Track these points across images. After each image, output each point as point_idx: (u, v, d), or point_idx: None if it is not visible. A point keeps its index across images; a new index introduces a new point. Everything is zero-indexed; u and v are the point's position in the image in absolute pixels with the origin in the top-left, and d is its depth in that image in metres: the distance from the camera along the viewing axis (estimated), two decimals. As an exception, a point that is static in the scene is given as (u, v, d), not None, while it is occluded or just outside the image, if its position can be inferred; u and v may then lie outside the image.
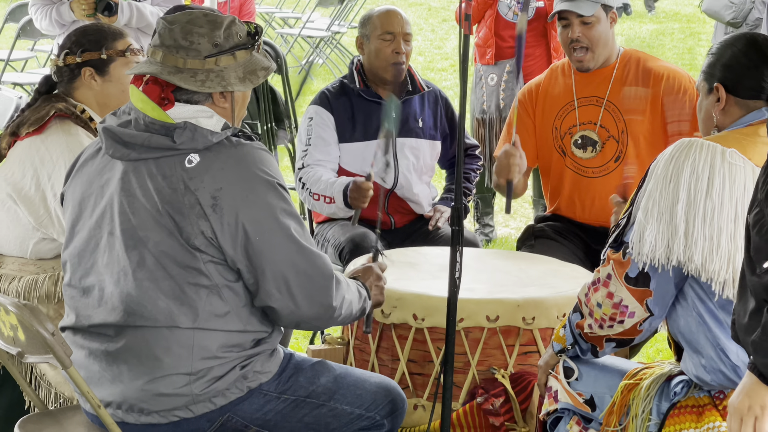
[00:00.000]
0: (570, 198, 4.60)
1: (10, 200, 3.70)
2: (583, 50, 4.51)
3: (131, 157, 3.02)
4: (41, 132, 3.70)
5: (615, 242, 3.01)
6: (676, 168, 2.88)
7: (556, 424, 3.29)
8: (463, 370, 3.64)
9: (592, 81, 4.57)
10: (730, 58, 3.06)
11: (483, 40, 6.55)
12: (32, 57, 10.56)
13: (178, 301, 2.97)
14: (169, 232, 2.96)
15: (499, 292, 3.70)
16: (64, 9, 5.21)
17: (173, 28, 3.02)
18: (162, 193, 2.98)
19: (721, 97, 3.06)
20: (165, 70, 3.00)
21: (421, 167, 4.73)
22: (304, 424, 3.16)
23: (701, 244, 2.83)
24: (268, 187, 3.00)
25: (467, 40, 3.24)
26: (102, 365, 3.06)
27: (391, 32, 4.61)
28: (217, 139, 3.00)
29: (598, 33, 4.50)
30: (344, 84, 4.71)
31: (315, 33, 12.99)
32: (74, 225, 3.14)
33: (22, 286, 3.66)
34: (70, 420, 3.24)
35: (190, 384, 2.99)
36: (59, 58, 3.80)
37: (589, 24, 4.49)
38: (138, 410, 3.01)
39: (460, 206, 3.34)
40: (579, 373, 3.21)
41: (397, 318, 3.65)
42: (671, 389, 3.03)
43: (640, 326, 3.00)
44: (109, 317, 3.03)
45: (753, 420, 2.37)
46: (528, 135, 4.64)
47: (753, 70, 2.98)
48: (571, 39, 4.51)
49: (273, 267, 2.98)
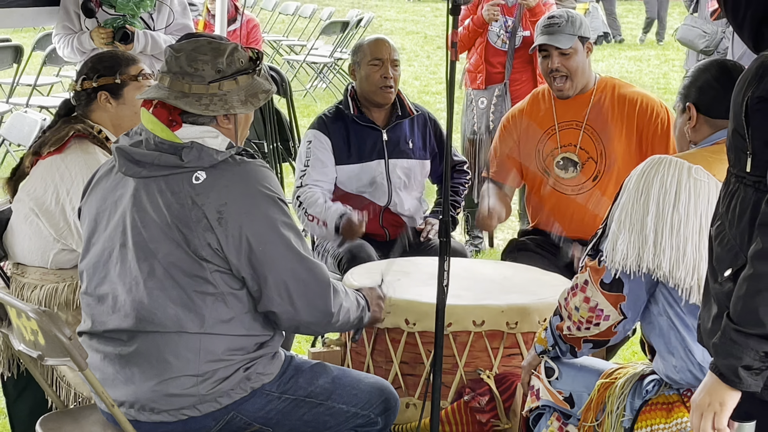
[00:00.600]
0: (551, 213, 4.60)
1: (33, 214, 3.70)
2: (562, 79, 4.52)
3: (142, 174, 3.02)
4: (61, 151, 3.71)
5: (592, 251, 3.02)
6: (646, 183, 2.89)
7: (537, 420, 3.30)
8: (451, 371, 3.64)
9: (572, 106, 4.58)
10: (703, 81, 3.07)
11: (474, 66, 6.56)
12: (57, 82, 10.57)
13: (186, 308, 2.97)
14: (178, 244, 2.96)
15: (485, 299, 3.70)
16: (84, 38, 5.22)
17: (179, 55, 3.03)
18: (171, 208, 2.98)
19: (692, 116, 3.07)
20: (172, 95, 3.01)
21: (412, 185, 4.74)
22: (303, 422, 3.16)
23: (669, 253, 2.84)
24: (269, 202, 3.01)
25: (454, 66, 3.25)
26: (116, 368, 3.06)
27: (379, 58, 4.63)
28: (222, 158, 3.01)
29: (575, 63, 4.51)
30: (340, 110, 4.72)
31: (319, 59, 13.03)
32: (90, 237, 3.14)
33: (43, 294, 3.66)
34: (87, 418, 3.24)
35: (197, 385, 2.98)
36: (77, 83, 3.80)
37: (568, 55, 4.50)
38: (149, 409, 3.01)
39: (447, 220, 3.34)
40: (559, 373, 3.22)
41: (391, 323, 3.64)
42: (643, 388, 3.03)
43: (615, 328, 3.01)
44: (122, 323, 3.03)
45: (712, 415, 2.37)
46: (512, 157, 4.65)
47: (723, 94, 2.98)
48: (551, 69, 4.53)
49: (275, 275, 2.98)
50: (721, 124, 3.00)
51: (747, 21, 2.59)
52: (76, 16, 5.26)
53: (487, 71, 6.48)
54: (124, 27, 5.18)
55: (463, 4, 3.30)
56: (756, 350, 2.27)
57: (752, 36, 2.59)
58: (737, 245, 2.34)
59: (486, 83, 6.48)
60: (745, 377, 2.29)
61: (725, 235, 2.37)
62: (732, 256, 2.35)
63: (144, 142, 3.03)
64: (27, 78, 9.51)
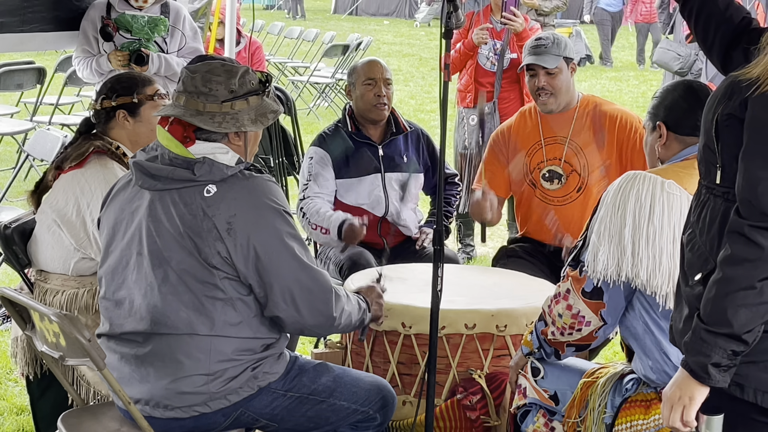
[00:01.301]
0: (538, 223, 4.60)
1: (55, 225, 3.70)
2: (547, 96, 4.53)
3: (157, 187, 3.02)
4: (82, 166, 3.71)
5: (573, 261, 3.02)
6: (623, 197, 2.89)
7: (525, 417, 3.29)
8: (444, 371, 3.63)
9: (557, 122, 4.58)
10: (671, 101, 3.07)
11: (464, 86, 6.55)
12: (78, 101, 10.56)
13: (197, 311, 2.97)
14: (190, 253, 2.96)
15: (476, 304, 3.70)
16: (102, 60, 5.22)
17: (195, 76, 3.03)
18: (184, 218, 2.98)
19: (662, 134, 3.07)
20: (187, 113, 3.01)
21: (407, 196, 4.73)
22: (307, 418, 3.15)
23: (646, 263, 2.83)
24: (275, 214, 3.01)
25: (446, 86, 3.26)
26: (132, 367, 3.06)
27: (373, 78, 4.63)
28: (231, 173, 3.01)
29: (560, 81, 4.52)
30: (339, 127, 4.72)
31: (321, 80, 13.03)
32: (108, 246, 3.14)
33: (65, 299, 3.66)
34: (105, 415, 3.23)
35: (208, 383, 2.98)
36: (97, 102, 3.80)
37: (553, 74, 4.51)
38: (163, 406, 3.01)
39: (441, 229, 3.35)
40: (544, 373, 3.21)
41: (388, 326, 3.64)
42: (623, 386, 3.03)
43: (595, 333, 3.01)
44: (138, 326, 3.03)
45: (681, 408, 2.37)
46: (501, 170, 4.65)
47: (690, 112, 2.98)
48: (538, 87, 4.54)
49: (280, 282, 2.98)
50: (689, 140, 3.00)
51: (716, 45, 2.60)
52: (94, 40, 5.26)
53: (476, 90, 6.47)
54: (140, 50, 5.18)
55: (455, 28, 3.30)
56: (724, 349, 2.27)
57: (721, 59, 2.60)
58: (707, 251, 2.35)
59: (475, 102, 6.46)
60: (714, 374, 2.30)
61: (696, 242, 2.38)
62: (702, 261, 2.36)
63: (159, 157, 3.03)
64: (49, 98, 9.51)
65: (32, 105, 9.48)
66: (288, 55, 15.39)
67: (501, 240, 6.85)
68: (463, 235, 6.96)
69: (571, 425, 3.11)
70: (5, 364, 4.89)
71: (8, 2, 4.91)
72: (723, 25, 2.60)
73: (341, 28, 21.18)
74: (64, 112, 9.98)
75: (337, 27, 21.52)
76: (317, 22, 24.09)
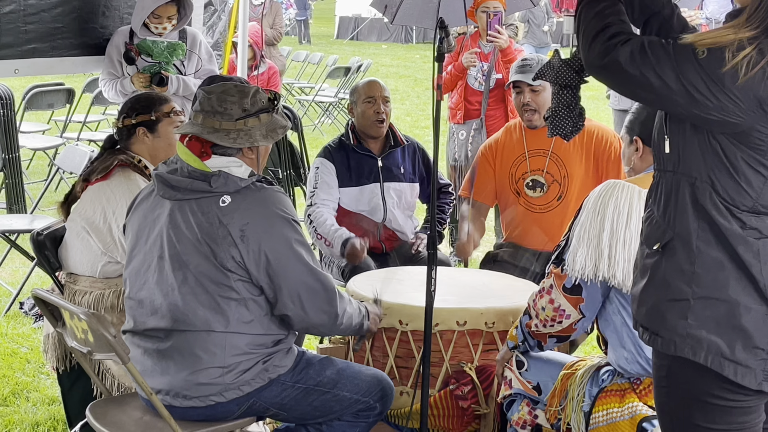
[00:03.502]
0: (522, 228, 4.60)
1: (84, 231, 3.70)
2: (531, 112, 4.54)
3: (177, 197, 3.03)
4: (107, 178, 3.71)
5: (556, 259, 3.02)
6: (602, 204, 2.89)
7: (510, 406, 3.30)
8: (438, 364, 3.62)
9: (540, 136, 4.57)
10: (645, 117, 3.06)
11: (455, 104, 6.55)
12: (103, 119, 10.55)
13: (214, 310, 2.97)
14: (206, 257, 2.97)
15: (467, 303, 3.69)
16: (126, 82, 5.23)
17: (211, 97, 3.04)
18: (201, 226, 2.98)
19: (639, 148, 3.07)
20: (204, 130, 3.02)
21: (404, 204, 4.73)
22: (313, 407, 3.16)
23: (622, 265, 2.83)
24: (284, 223, 3.01)
25: (439, 104, 3.27)
26: (153, 361, 3.06)
27: (372, 96, 4.64)
28: (244, 184, 3.02)
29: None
30: (342, 141, 4.73)
31: (325, 99, 13.03)
32: (132, 250, 3.14)
33: (92, 299, 3.66)
34: (129, 404, 3.24)
35: (223, 375, 2.99)
36: (119, 120, 3.81)
37: (537, 91, 4.52)
38: (182, 396, 3.01)
39: (434, 234, 3.36)
40: (528, 365, 3.22)
41: (387, 323, 3.63)
42: (600, 377, 3.03)
43: (575, 326, 3.01)
44: (159, 323, 3.04)
45: None
46: (488, 180, 4.65)
47: None
48: (523, 103, 4.54)
49: (288, 285, 2.99)
50: None
51: None
52: (119, 63, 5.27)
53: (465, 108, 6.46)
54: (160, 72, 5.19)
55: (447, 52, 3.31)
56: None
57: None
58: (664, 223, 2.32)
59: (465, 118, 6.45)
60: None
61: (654, 216, 2.35)
62: (660, 232, 2.32)
63: (179, 170, 3.04)
64: (78, 116, 9.50)
65: (62, 123, 9.48)
66: (295, 77, 15.39)
67: (488, 245, 6.84)
68: (455, 240, 6.95)
69: (553, 413, 3.11)
70: (38, 359, 4.89)
71: (40, 30, 4.98)
72: None
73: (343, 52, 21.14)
74: (91, 129, 9.96)
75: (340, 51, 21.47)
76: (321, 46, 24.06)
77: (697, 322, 2.25)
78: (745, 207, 2.24)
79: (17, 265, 6.37)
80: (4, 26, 4.82)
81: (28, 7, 4.93)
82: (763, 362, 2.24)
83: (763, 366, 2.24)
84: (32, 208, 7.24)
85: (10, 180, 7.16)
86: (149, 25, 5.22)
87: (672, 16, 2.58)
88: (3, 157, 7.07)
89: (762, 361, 2.24)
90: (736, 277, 2.24)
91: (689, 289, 2.26)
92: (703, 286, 2.25)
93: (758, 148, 2.22)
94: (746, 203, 2.24)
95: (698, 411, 2.31)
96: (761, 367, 2.24)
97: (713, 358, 2.24)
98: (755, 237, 2.24)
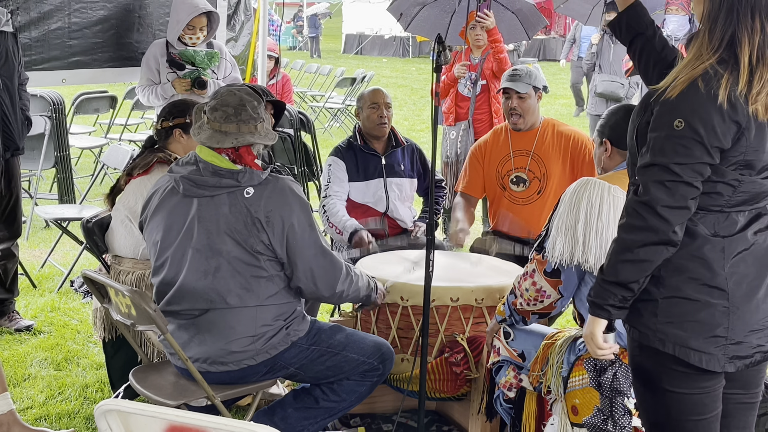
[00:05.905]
0: (506, 218, 4.59)
1: (127, 219, 3.69)
2: (517, 116, 4.52)
3: (205, 194, 3.03)
4: (148, 173, 3.71)
5: (538, 247, 3.01)
6: (577, 198, 2.87)
7: (498, 371, 3.29)
8: (434, 335, 3.62)
9: (523, 139, 4.57)
10: (614, 122, 3.06)
11: (447, 109, 6.53)
12: (142, 122, 10.55)
13: (246, 289, 2.99)
14: (237, 243, 2.97)
15: (459, 282, 3.69)
16: (167, 87, 5.22)
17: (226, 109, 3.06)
18: (230, 217, 2.98)
19: (608, 149, 3.06)
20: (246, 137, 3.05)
21: (404, 197, 4.72)
22: (326, 367, 3.18)
23: (594, 251, 2.82)
24: (300, 207, 3.03)
25: (437, 109, 3.25)
26: (190, 334, 3.07)
27: (376, 103, 4.62)
28: (264, 176, 3.02)
29: (528, 105, 4.51)
30: (350, 141, 4.71)
31: (334, 105, 13.01)
32: (162, 243, 3.12)
33: (134, 278, 3.65)
34: (166, 370, 3.24)
35: (254, 342, 3.01)
36: (158, 123, 3.81)
37: (523, 98, 4.50)
38: (218, 363, 3.03)
39: (431, 222, 3.35)
40: (514, 336, 3.21)
41: (390, 299, 3.63)
42: (576, 347, 3.02)
43: (555, 304, 3.01)
44: (195, 304, 3.04)
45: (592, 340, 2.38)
46: (478, 176, 4.64)
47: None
48: (510, 107, 4.52)
49: (303, 262, 3.01)
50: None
51: (653, 78, 2.59)
52: (156, 71, 5.26)
53: (456, 112, 6.46)
54: (200, 77, 5.21)
55: (443, 64, 3.30)
56: (615, 294, 2.28)
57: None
58: None
59: (455, 121, 6.46)
60: (611, 310, 2.30)
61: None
62: None
63: (202, 170, 3.04)
64: (120, 119, 9.50)
65: (106, 125, 9.48)
66: (307, 86, 15.37)
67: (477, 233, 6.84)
68: (448, 228, 6.93)
69: (535, 377, 3.11)
70: (87, 330, 4.89)
71: (82, 44, 5.09)
72: (659, 63, 2.61)
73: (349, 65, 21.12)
74: (131, 130, 9.96)
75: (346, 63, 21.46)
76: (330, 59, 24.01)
77: (665, 318, 2.28)
78: (717, 207, 2.25)
79: (68, 249, 6.36)
80: (51, 41, 4.86)
81: (72, 25, 5.02)
82: (723, 348, 2.27)
83: (723, 351, 2.27)
84: (81, 199, 7.24)
85: (61, 174, 7.18)
86: (183, 37, 5.21)
87: (654, 36, 2.58)
88: (55, 155, 7.07)
89: (722, 347, 2.27)
90: (696, 278, 2.25)
91: (657, 290, 2.28)
92: (668, 287, 2.27)
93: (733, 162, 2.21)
94: (716, 204, 2.24)
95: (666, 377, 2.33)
96: (722, 352, 2.27)
97: (680, 348, 2.27)
98: (723, 235, 2.25)
